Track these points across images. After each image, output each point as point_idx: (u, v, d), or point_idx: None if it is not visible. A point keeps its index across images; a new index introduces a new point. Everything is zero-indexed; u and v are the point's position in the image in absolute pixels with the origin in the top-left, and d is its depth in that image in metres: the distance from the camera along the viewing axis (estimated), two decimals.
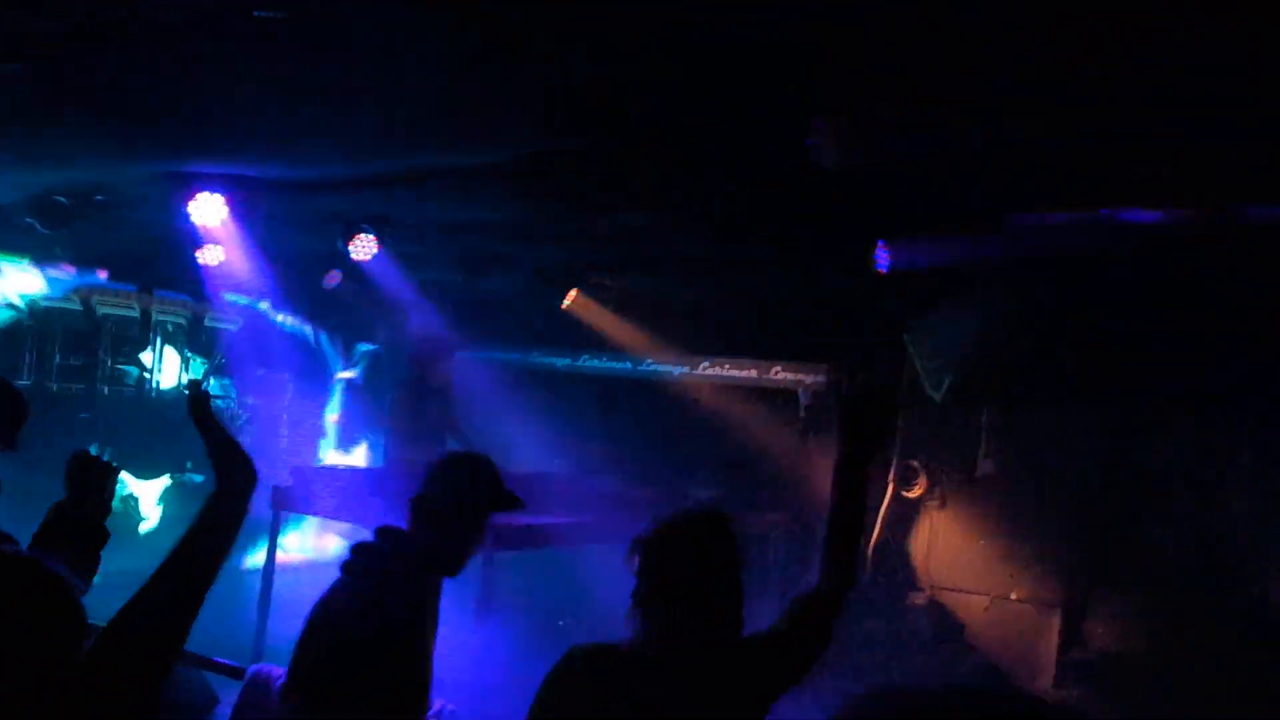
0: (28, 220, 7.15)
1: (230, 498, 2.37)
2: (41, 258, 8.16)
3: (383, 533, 2.98)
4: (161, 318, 8.89)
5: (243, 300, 9.19)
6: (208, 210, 6.66)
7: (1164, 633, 7.70)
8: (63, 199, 7.07)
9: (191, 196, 6.59)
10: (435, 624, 3.06)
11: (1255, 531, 7.61)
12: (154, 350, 8.92)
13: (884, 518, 9.04)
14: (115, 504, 3.20)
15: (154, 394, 9.01)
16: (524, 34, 3.40)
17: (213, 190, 6.59)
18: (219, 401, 9.74)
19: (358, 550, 2.94)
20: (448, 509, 3.04)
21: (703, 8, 3.29)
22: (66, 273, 8.23)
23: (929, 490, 8.98)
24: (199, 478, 8.51)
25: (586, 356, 10.11)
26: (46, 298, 8.33)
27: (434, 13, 3.26)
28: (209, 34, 3.85)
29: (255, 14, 3.46)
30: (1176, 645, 7.57)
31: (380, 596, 2.89)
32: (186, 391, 2.70)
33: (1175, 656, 7.52)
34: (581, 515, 7.18)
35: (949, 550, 8.91)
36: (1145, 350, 7.68)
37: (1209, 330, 7.34)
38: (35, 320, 8.41)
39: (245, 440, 2.54)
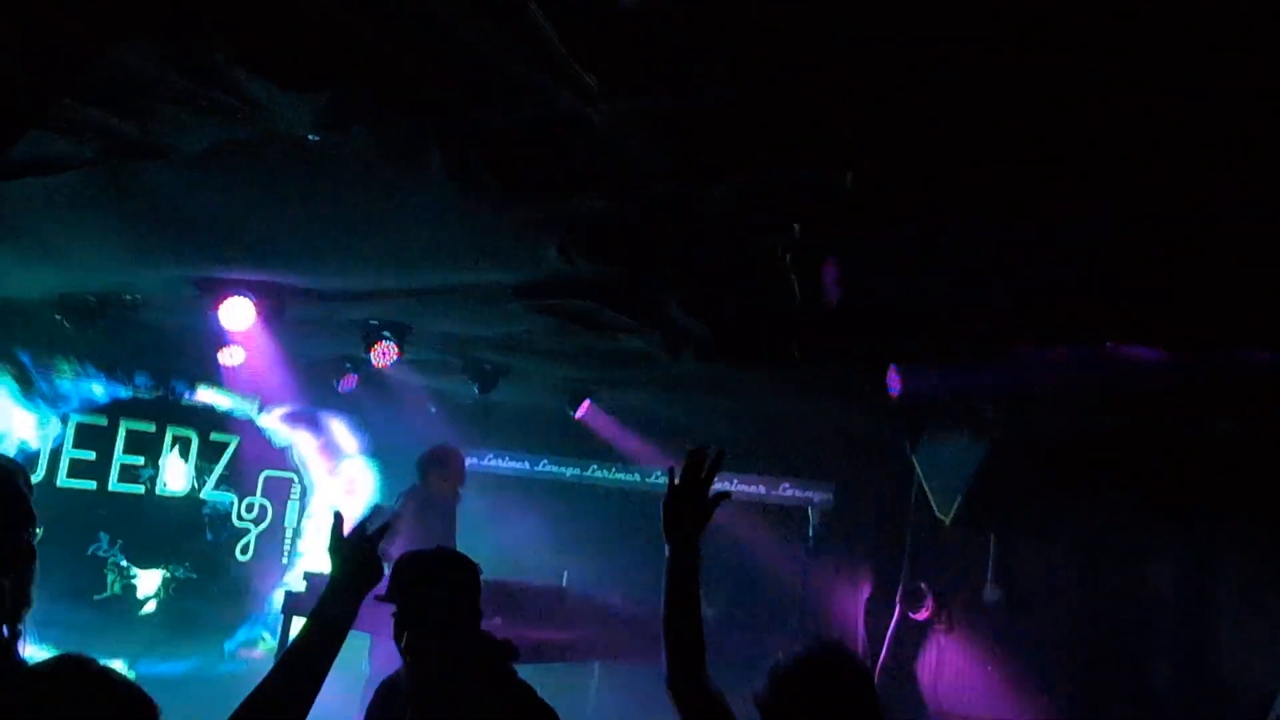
0: (56, 317, 7.31)
1: (347, 591, 2.56)
2: (75, 370, 8.44)
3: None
4: (174, 431, 9.40)
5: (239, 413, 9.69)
6: (236, 314, 6.80)
7: None
8: (91, 298, 7.23)
9: (221, 300, 6.75)
10: None
11: (1242, 659, 7.52)
12: (163, 458, 9.35)
13: (891, 639, 8.96)
14: (116, 589, 3.14)
15: (161, 496, 9.40)
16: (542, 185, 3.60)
17: (242, 295, 6.75)
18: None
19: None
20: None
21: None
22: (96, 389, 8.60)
23: (936, 613, 8.92)
24: (194, 575, 8.86)
25: (595, 467, 10.14)
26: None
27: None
28: (245, 158, 4.07)
29: (309, 138, 3.66)
30: None
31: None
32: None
33: None
34: (588, 630, 7.15)
35: (956, 674, 8.81)
36: (1129, 476, 7.70)
37: (1190, 448, 7.39)
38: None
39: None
